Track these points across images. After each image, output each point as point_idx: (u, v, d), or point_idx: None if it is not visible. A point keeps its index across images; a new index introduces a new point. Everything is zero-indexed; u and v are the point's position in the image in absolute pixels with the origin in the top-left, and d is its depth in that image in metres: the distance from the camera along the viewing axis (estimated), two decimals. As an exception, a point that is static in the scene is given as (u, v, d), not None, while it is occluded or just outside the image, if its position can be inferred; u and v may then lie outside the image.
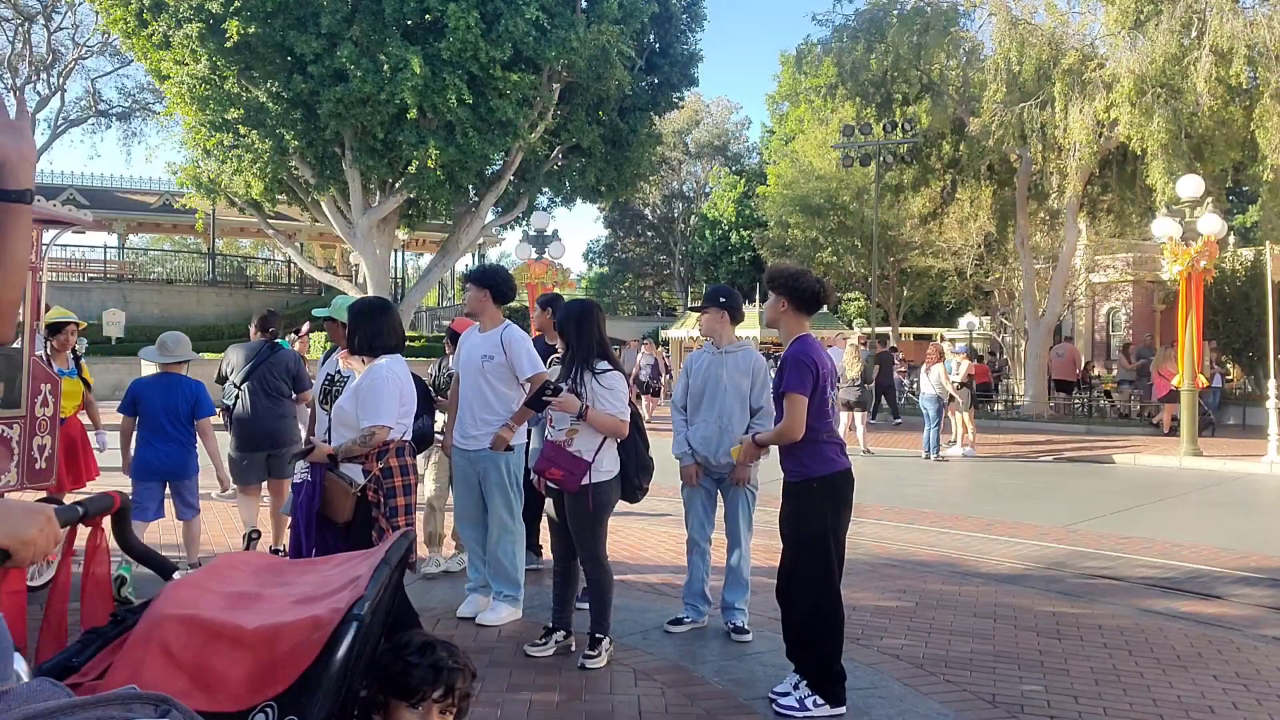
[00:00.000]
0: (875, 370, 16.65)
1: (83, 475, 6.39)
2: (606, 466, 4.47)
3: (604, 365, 4.48)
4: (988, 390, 21.22)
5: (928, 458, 13.58)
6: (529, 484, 5.42)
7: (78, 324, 6.68)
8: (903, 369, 22.44)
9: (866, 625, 5.19)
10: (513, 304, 7.44)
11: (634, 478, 4.63)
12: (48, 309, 6.50)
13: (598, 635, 4.47)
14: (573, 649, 4.55)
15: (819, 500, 3.97)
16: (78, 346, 6.89)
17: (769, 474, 4.72)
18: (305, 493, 4.07)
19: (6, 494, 5.46)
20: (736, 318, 5.00)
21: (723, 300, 4.94)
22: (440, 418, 5.83)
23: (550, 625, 4.66)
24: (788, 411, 3.95)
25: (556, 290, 23.20)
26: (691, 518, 5.08)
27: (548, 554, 6.29)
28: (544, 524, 6.18)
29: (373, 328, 4.24)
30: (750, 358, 4.97)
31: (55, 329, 6.39)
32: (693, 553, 5.06)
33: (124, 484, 5.73)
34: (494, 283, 5.10)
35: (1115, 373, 22.24)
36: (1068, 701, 4.12)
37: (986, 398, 21.02)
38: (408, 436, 4.34)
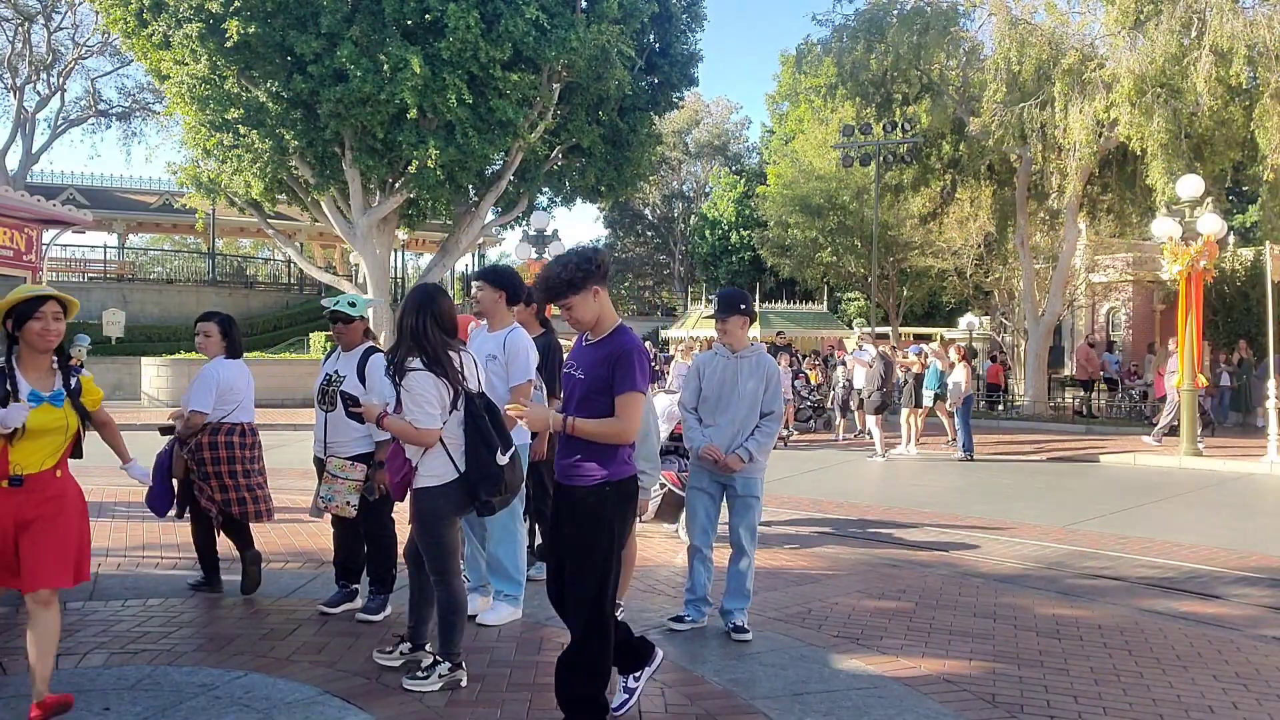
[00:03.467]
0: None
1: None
2: (434, 470, 4.01)
3: (415, 364, 3.96)
4: (997, 391, 21.25)
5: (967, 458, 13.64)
6: (537, 485, 5.42)
7: (62, 303, 3.69)
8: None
9: (866, 625, 5.19)
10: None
11: (474, 488, 4.00)
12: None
13: (436, 657, 4.09)
14: (421, 665, 4.25)
15: (610, 506, 3.55)
16: (74, 350, 4.66)
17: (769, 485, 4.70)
18: (163, 459, 5.35)
19: None
20: (753, 321, 5.16)
21: (743, 307, 5.00)
22: None
23: (400, 635, 4.40)
24: (628, 411, 3.50)
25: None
26: (694, 525, 5.06)
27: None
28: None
29: (235, 337, 5.52)
30: (765, 362, 5.01)
31: (21, 315, 3.59)
32: (694, 559, 5.03)
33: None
34: (510, 285, 5.22)
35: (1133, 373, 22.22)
36: (1068, 701, 4.11)
37: (996, 399, 21.04)
38: (229, 420, 5.34)
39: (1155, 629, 5.28)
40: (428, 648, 4.32)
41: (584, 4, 18.30)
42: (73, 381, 3.70)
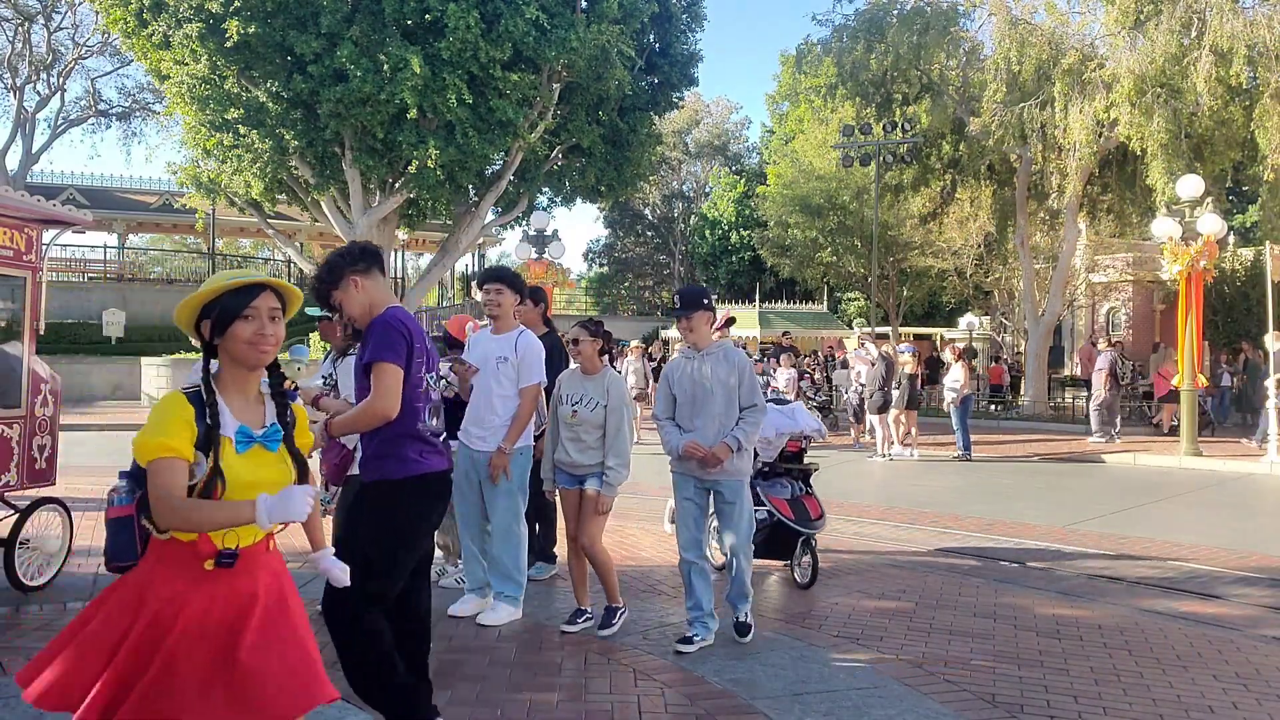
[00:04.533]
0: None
1: None
2: None
3: (351, 351, 4.20)
4: (1000, 392, 21.27)
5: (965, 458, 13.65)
6: (538, 490, 5.41)
7: (280, 295, 2.39)
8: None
9: (866, 625, 5.19)
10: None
11: None
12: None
13: None
14: None
15: (374, 502, 3.36)
16: (289, 367, 3.46)
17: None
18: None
19: (7, 494, 5.46)
20: (715, 316, 5.02)
21: (705, 302, 4.85)
22: None
23: None
24: (376, 383, 3.29)
25: (556, 290, 23.19)
26: (683, 535, 4.87)
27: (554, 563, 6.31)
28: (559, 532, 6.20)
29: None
30: (734, 356, 4.85)
31: (230, 313, 2.31)
32: (690, 573, 4.81)
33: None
34: (524, 287, 5.41)
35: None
36: (1068, 701, 4.11)
37: (1000, 399, 21.06)
38: None
39: (1155, 629, 5.28)
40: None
41: (584, 4, 18.29)
42: (288, 413, 2.45)
